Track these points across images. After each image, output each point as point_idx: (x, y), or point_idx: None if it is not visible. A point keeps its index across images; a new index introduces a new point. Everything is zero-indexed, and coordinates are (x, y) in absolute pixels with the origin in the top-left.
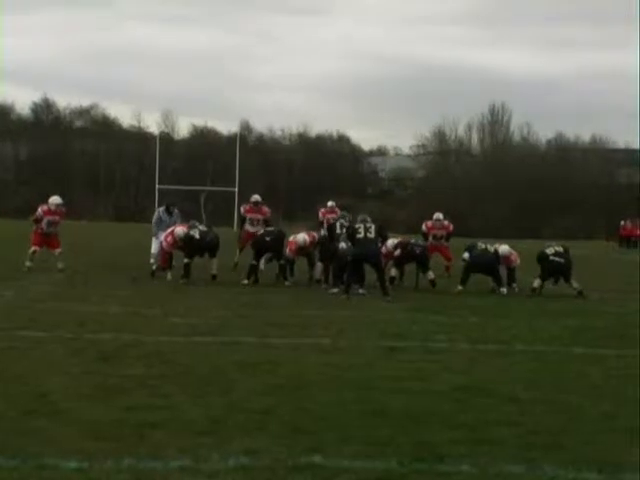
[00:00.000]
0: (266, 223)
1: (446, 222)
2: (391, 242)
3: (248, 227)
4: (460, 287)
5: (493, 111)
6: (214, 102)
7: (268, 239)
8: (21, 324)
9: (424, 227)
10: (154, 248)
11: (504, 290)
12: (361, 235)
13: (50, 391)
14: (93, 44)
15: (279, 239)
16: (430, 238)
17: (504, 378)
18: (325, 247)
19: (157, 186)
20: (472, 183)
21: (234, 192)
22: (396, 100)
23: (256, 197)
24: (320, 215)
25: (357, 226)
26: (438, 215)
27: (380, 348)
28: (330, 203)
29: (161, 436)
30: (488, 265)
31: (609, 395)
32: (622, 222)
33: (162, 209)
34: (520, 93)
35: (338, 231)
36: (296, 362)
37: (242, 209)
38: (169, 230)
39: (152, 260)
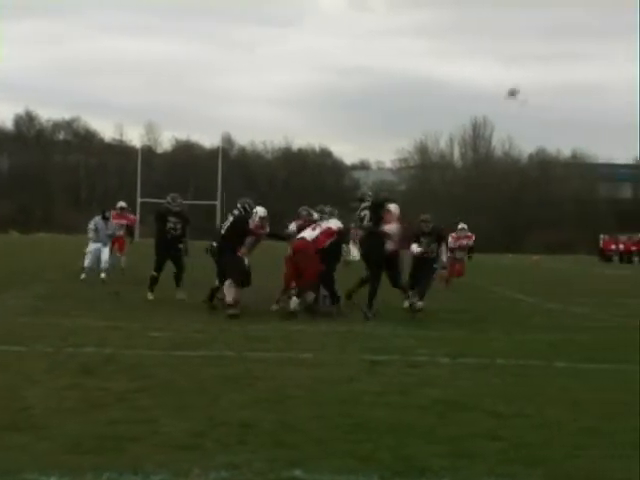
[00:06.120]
0: None
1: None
2: None
3: None
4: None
5: (475, 125)
6: (196, 115)
7: None
8: (1, 338)
9: None
10: (106, 255)
11: (420, 304)
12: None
13: (30, 405)
14: (75, 57)
15: None
16: None
17: (485, 392)
18: None
19: (139, 199)
20: (454, 197)
21: (215, 206)
22: (377, 113)
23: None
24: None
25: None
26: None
27: (362, 362)
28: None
29: (141, 450)
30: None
31: (590, 410)
32: (601, 236)
33: (98, 217)
34: (501, 107)
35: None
36: (277, 376)
37: None
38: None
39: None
